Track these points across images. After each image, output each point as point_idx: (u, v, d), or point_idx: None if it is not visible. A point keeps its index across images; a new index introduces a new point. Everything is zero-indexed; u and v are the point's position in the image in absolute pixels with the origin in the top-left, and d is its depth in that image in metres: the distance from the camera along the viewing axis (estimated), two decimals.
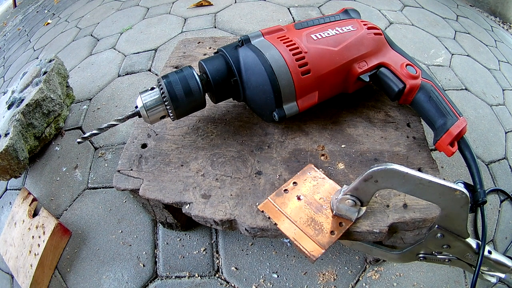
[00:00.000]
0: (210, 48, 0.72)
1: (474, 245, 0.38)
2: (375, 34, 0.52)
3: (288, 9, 1.34)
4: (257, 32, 0.50)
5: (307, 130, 0.53)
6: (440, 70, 1.11)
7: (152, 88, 0.46)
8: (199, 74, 0.48)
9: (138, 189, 0.47)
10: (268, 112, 0.49)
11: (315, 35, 0.49)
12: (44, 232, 0.66)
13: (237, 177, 0.47)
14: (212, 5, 1.40)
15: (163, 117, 0.47)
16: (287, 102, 0.47)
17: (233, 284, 0.62)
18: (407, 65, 0.50)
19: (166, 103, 0.45)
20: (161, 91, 0.45)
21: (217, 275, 0.63)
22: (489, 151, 0.88)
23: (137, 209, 0.73)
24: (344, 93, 0.55)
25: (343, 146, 0.51)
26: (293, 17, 1.29)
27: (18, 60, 1.52)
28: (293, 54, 0.46)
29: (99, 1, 1.70)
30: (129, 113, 0.47)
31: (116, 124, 0.47)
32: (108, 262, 0.66)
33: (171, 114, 0.47)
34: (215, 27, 1.25)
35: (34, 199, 0.75)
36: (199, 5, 1.40)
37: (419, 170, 0.47)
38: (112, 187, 0.77)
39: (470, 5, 1.77)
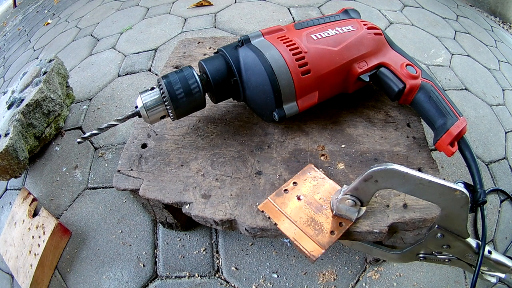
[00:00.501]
0: (210, 48, 0.72)
1: (474, 245, 0.38)
2: (375, 34, 0.52)
3: (288, 9, 1.34)
4: (257, 32, 0.50)
5: (307, 130, 0.53)
6: (440, 70, 1.11)
7: (152, 88, 0.46)
8: (199, 74, 0.48)
9: (138, 189, 0.47)
10: (268, 112, 0.49)
11: (315, 35, 0.49)
12: (44, 232, 0.66)
13: (237, 177, 0.47)
14: (212, 5, 1.40)
15: (163, 117, 0.47)
16: (287, 102, 0.47)
17: (233, 284, 0.62)
18: (407, 65, 0.50)
19: (166, 103, 0.45)
20: (161, 91, 0.45)
21: (217, 275, 0.63)
22: (489, 151, 0.88)
23: (137, 209, 0.73)
24: (344, 93, 0.55)
25: (343, 146, 0.51)
26: (293, 17, 1.29)
27: (18, 60, 1.52)
28: (293, 54, 0.46)
29: (99, 1, 1.70)
30: (129, 113, 0.47)
31: (116, 124, 0.47)
32: (108, 262, 0.66)
33: (171, 114, 0.47)
34: (215, 27, 1.25)
35: (34, 199, 0.75)
36: (199, 5, 1.40)
37: (419, 170, 0.47)
38: (112, 187, 0.77)
39: (470, 5, 1.77)
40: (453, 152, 0.46)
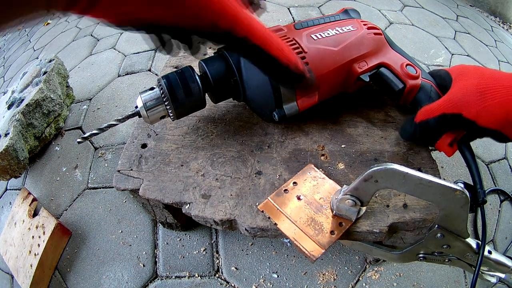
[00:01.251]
0: (210, 48, 0.72)
1: (474, 245, 0.38)
2: (375, 34, 0.52)
3: (288, 9, 1.34)
4: None
5: (307, 130, 0.53)
6: None
7: (152, 88, 0.46)
8: (199, 74, 0.48)
9: (138, 189, 0.47)
10: (268, 112, 0.49)
11: (315, 35, 0.49)
12: (44, 232, 0.66)
13: (237, 177, 0.47)
14: None
15: (163, 117, 0.47)
16: (287, 102, 0.47)
17: (233, 284, 0.62)
18: (407, 65, 0.50)
19: (166, 103, 0.45)
20: (161, 91, 0.45)
21: (217, 275, 0.63)
22: (489, 151, 0.88)
23: (137, 209, 0.73)
24: (344, 93, 0.55)
25: (343, 146, 0.51)
26: (293, 17, 1.29)
27: (18, 60, 1.52)
28: None
29: None
30: (129, 113, 0.47)
31: (116, 124, 0.47)
32: (108, 262, 0.66)
33: (171, 114, 0.47)
34: None
35: (34, 199, 0.75)
36: None
37: (419, 170, 0.47)
38: (112, 187, 0.77)
39: (470, 5, 1.77)
40: (453, 152, 0.46)
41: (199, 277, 0.63)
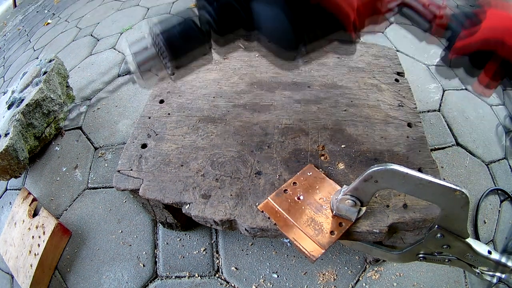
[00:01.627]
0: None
1: (474, 245, 0.38)
2: None
3: None
4: None
5: (307, 130, 0.53)
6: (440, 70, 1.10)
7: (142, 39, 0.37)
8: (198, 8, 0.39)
9: (138, 189, 0.47)
10: (289, 48, 0.40)
11: None
12: (44, 232, 0.66)
13: (237, 177, 0.47)
14: None
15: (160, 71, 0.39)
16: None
17: (233, 284, 0.62)
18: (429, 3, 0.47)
19: (161, 53, 0.37)
20: (154, 40, 0.37)
21: (217, 275, 0.63)
22: (489, 151, 0.88)
23: (137, 209, 0.73)
24: (344, 93, 0.55)
25: (343, 146, 0.51)
26: None
27: (18, 60, 1.52)
28: None
29: (99, 1, 1.70)
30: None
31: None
32: (108, 262, 0.66)
33: (168, 66, 0.38)
34: None
35: (34, 199, 0.75)
36: None
37: (419, 170, 0.47)
38: (112, 187, 0.77)
39: (470, 5, 1.77)
40: (493, 88, 0.40)
41: (199, 277, 0.63)
